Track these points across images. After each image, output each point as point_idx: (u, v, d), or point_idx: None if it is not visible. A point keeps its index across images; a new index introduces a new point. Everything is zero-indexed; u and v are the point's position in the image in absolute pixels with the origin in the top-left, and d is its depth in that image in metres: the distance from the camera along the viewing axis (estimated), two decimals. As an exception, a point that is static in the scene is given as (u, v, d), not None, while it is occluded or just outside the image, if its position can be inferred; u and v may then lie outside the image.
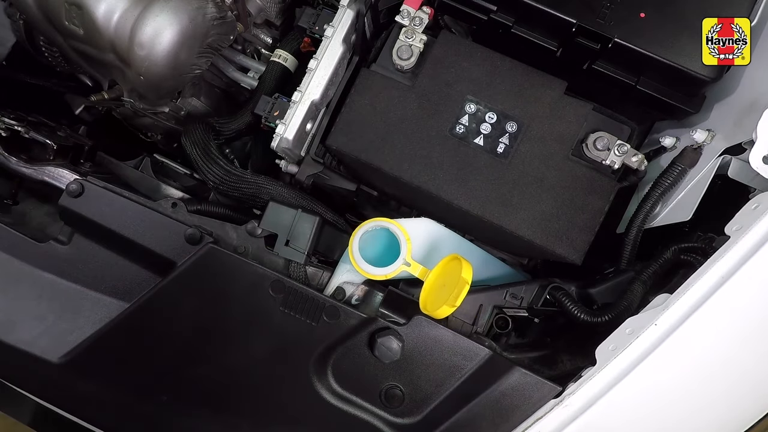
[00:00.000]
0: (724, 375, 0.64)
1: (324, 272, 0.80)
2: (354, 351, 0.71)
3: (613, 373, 0.64)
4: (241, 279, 0.71)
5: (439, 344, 0.70)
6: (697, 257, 0.71)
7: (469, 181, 0.76)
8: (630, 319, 0.66)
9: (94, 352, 0.74)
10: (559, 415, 0.67)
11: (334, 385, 0.72)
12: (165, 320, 0.74)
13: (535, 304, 0.78)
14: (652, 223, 0.77)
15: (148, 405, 0.76)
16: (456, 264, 0.70)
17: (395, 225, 0.74)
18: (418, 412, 0.71)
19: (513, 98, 0.77)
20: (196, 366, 0.74)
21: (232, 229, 0.77)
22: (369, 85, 0.78)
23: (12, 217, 0.83)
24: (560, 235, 0.75)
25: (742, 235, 0.61)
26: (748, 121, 0.67)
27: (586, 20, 0.72)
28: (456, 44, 0.79)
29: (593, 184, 0.76)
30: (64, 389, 0.76)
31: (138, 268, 0.77)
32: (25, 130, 0.78)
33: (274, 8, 0.91)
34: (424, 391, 0.70)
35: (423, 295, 0.72)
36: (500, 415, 0.69)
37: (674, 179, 0.74)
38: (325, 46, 0.82)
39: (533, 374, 0.69)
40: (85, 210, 0.73)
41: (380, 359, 0.69)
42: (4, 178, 0.83)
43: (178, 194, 0.90)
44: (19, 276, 0.75)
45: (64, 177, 0.78)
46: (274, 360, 0.73)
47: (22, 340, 0.74)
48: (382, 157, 0.76)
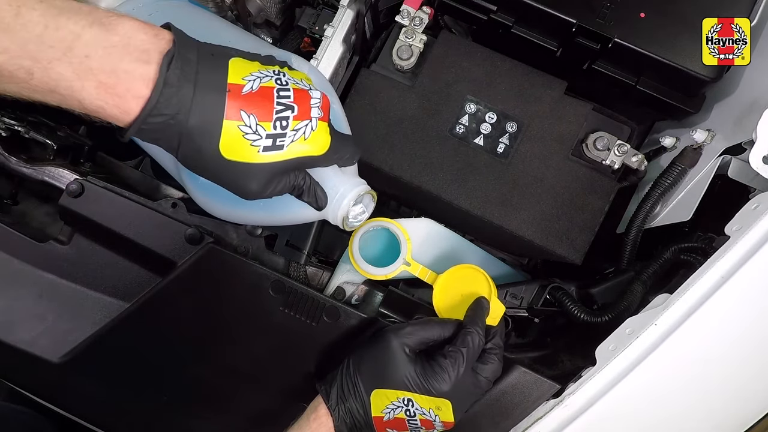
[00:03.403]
0: (724, 375, 0.64)
1: (324, 272, 0.80)
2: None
3: (613, 373, 0.64)
4: (242, 279, 0.71)
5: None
6: (697, 257, 0.71)
7: (469, 181, 0.76)
8: (630, 319, 0.66)
9: (94, 352, 0.74)
10: (558, 415, 0.67)
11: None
12: (165, 320, 0.74)
13: (535, 304, 0.78)
14: (652, 223, 0.77)
15: (148, 405, 0.76)
16: (475, 276, 0.71)
17: (395, 225, 0.74)
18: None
19: (513, 98, 0.77)
20: (196, 366, 0.74)
21: (232, 229, 0.77)
22: (369, 85, 0.78)
23: (12, 217, 0.83)
24: (560, 235, 0.75)
25: (742, 235, 0.61)
26: (748, 121, 0.67)
27: (586, 20, 0.72)
28: (456, 44, 0.79)
29: (593, 184, 0.76)
30: (64, 389, 0.77)
31: (138, 268, 0.77)
32: (25, 130, 0.78)
33: (274, 8, 0.91)
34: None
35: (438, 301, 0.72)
36: (500, 413, 0.70)
37: (674, 179, 0.74)
38: (325, 46, 0.82)
39: (533, 373, 0.69)
40: (85, 210, 0.73)
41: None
42: (4, 178, 0.83)
43: (178, 194, 0.89)
44: (19, 276, 0.75)
45: (64, 177, 0.78)
46: (274, 360, 0.73)
47: (22, 340, 0.74)
48: (382, 157, 0.76)
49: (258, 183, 0.51)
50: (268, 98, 0.50)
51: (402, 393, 0.60)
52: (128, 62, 0.45)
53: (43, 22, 0.44)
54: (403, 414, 0.60)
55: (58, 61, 0.44)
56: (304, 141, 0.51)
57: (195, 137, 0.48)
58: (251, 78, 0.49)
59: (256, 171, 0.50)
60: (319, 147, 0.53)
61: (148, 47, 0.46)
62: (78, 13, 0.45)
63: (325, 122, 0.53)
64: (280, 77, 0.52)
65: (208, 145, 0.48)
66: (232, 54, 0.51)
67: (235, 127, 0.48)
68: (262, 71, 0.51)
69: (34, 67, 0.44)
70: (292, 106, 0.50)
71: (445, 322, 0.65)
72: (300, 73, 0.55)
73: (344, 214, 0.59)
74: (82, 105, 0.46)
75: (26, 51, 0.44)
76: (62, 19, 0.44)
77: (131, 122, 0.47)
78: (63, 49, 0.44)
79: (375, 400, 0.60)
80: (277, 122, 0.49)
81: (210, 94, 0.47)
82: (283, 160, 0.51)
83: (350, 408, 0.61)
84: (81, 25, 0.45)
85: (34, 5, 0.44)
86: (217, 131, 0.48)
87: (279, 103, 0.50)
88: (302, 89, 0.52)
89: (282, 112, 0.50)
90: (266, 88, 0.50)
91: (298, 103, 0.51)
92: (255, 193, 0.52)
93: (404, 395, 0.60)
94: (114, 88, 0.45)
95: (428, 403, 0.60)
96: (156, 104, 0.46)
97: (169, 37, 0.48)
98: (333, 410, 0.60)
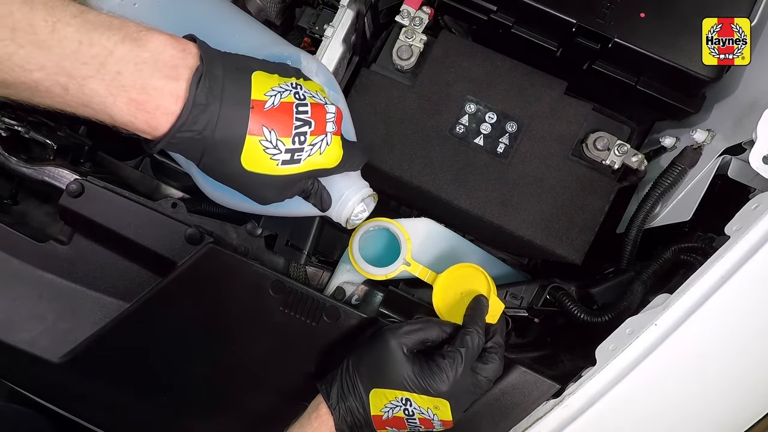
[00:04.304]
0: (724, 375, 0.64)
1: (324, 272, 0.80)
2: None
3: (612, 373, 0.64)
4: (242, 279, 0.71)
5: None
6: (697, 257, 0.71)
7: (469, 181, 0.76)
8: (630, 319, 0.66)
9: (94, 352, 0.74)
10: (558, 415, 0.67)
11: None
12: (165, 320, 0.74)
13: (535, 304, 0.78)
14: (652, 223, 0.77)
15: (148, 405, 0.76)
16: (474, 275, 0.71)
17: (395, 225, 0.74)
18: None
19: (513, 98, 0.77)
20: (196, 366, 0.74)
21: (232, 229, 0.77)
22: (369, 85, 0.78)
23: (12, 217, 0.83)
24: (560, 235, 0.75)
25: (742, 235, 0.61)
26: (748, 121, 0.67)
27: (586, 20, 0.72)
28: (456, 44, 0.79)
29: (593, 184, 0.76)
30: (64, 389, 0.77)
31: (138, 268, 0.77)
32: (25, 130, 0.78)
33: (274, 8, 0.91)
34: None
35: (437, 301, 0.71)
36: (500, 413, 0.70)
37: (674, 179, 0.74)
38: (325, 46, 0.82)
39: (533, 372, 0.69)
40: (85, 210, 0.73)
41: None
42: (4, 178, 0.83)
43: (178, 194, 0.89)
44: (19, 276, 0.75)
45: (64, 177, 0.78)
46: (274, 360, 0.73)
47: (22, 340, 0.74)
48: (382, 157, 0.76)
49: (274, 192, 0.55)
50: (288, 114, 0.52)
51: (400, 392, 0.60)
52: (158, 79, 0.47)
53: (77, 37, 0.45)
54: (402, 413, 0.60)
55: (92, 78, 0.46)
56: (319, 155, 0.54)
57: (218, 150, 0.50)
58: (272, 93, 0.51)
59: (274, 182, 0.53)
60: (332, 160, 0.56)
61: (176, 63, 0.48)
62: (110, 28, 0.47)
63: (338, 136, 0.56)
64: (299, 91, 0.54)
65: (230, 157, 0.51)
66: (254, 67, 0.53)
67: (256, 141, 0.50)
68: (282, 85, 0.53)
69: (69, 84, 0.46)
70: (309, 121, 0.53)
71: (444, 323, 0.65)
72: (315, 85, 0.57)
73: (348, 215, 0.63)
74: (113, 119, 0.48)
75: (62, 68, 0.45)
76: (96, 34, 0.46)
77: (159, 137, 0.49)
78: (96, 66, 0.46)
79: (374, 399, 0.61)
80: (296, 137, 0.52)
81: (235, 110, 0.49)
82: (299, 172, 0.54)
83: (350, 407, 0.61)
84: (113, 41, 0.46)
85: (69, 20, 0.45)
86: (239, 145, 0.50)
87: (298, 119, 0.52)
88: (319, 104, 0.55)
89: (300, 128, 0.52)
90: (286, 103, 0.52)
91: (315, 119, 0.53)
92: (270, 200, 0.56)
93: (402, 395, 0.60)
94: (144, 105, 0.47)
95: (426, 403, 0.60)
96: (185, 122, 0.48)
97: (195, 51, 0.50)
98: (333, 409, 0.61)
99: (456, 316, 0.67)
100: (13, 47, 0.44)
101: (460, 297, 0.70)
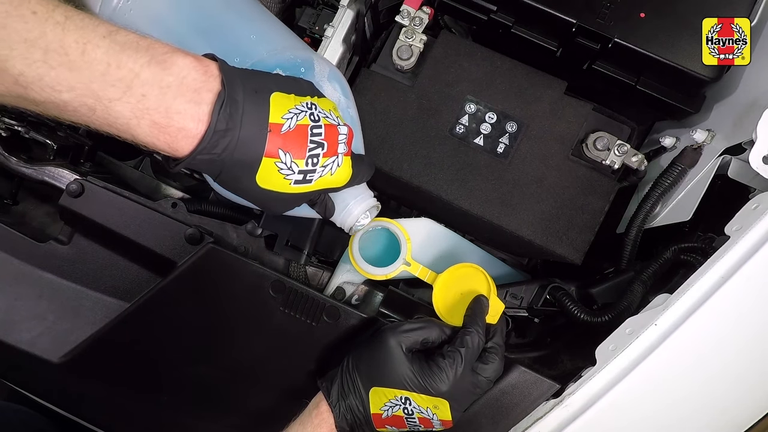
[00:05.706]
0: (724, 375, 0.64)
1: (324, 272, 0.80)
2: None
3: (612, 373, 0.64)
4: (242, 279, 0.71)
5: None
6: (697, 257, 0.71)
7: (469, 181, 0.76)
8: (630, 319, 0.66)
9: (94, 352, 0.74)
10: (558, 415, 0.67)
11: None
12: (165, 320, 0.74)
13: (535, 304, 0.78)
14: (652, 223, 0.77)
15: (148, 405, 0.76)
16: (474, 275, 0.71)
17: (395, 225, 0.74)
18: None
19: (513, 98, 0.77)
20: (196, 366, 0.74)
21: (232, 229, 0.77)
22: (369, 85, 0.78)
23: (12, 217, 0.83)
24: (560, 235, 0.75)
25: (742, 235, 0.61)
26: (748, 121, 0.67)
27: (586, 20, 0.72)
28: (456, 44, 0.79)
29: (593, 184, 0.76)
30: (64, 389, 0.77)
31: (138, 268, 0.77)
32: (25, 130, 0.78)
33: (274, 8, 0.91)
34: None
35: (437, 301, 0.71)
36: (500, 413, 0.70)
37: (674, 179, 0.74)
38: (325, 46, 0.82)
39: (533, 372, 0.69)
40: (85, 210, 0.73)
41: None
42: (4, 178, 0.83)
43: (178, 194, 0.90)
44: (19, 276, 0.75)
45: (64, 177, 0.78)
46: (274, 360, 0.73)
47: (22, 340, 0.74)
48: (382, 157, 0.76)
49: (284, 206, 0.59)
50: (303, 136, 0.53)
51: (399, 392, 0.60)
52: (181, 103, 0.48)
53: (106, 60, 0.46)
54: (401, 412, 0.61)
55: (118, 101, 0.47)
56: (330, 175, 0.56)
57: (235, 169, 0.52)
58: (289, 116, 0.53)
59: (286, 198, 0.56)
60: (342, 180, 0.58)
61: (199, 86, 0.49)
62: (137, 50, 0.48)
63: (348, 156, 0.58)
64: (314, 111, 0.55)
65: (246, 175, 0.53)
66: (273, 89, 0.54)
67: (272, 163, 0.52)
68: (297, 106, 0.54)
69: (96, 105, 0.47)
70: (322, 143, 0.54)
71: (445, 325, 0.66)
72: (329, 103, 0.59)
73: (351, 224, 0.66)
74: (135, 139, 0.50)
75: (90, 90, 0.46)
76: (123, 56, 0.47)
77: (181, 158, 0.51)
78: (123, 89, 0.47)
79: (373, 397, 0.61)
80: (309, 159, 0.54)
81: (253, 134, 0.51)
82: (310, 191, 0.56)
83: (350, 405, 0.61)
84: (140, 64, 0.47)
85: (99, 42, 0.46)
86: (256, 166, 0.52)
87: (312, 141, 0.54)
88: (332, 125, 0.56)
89: (314, 150, 0.54)
90: (302, 126, 0.53)
91: (327, 140, 0.55)
92: (279, 212, 0.61)
93: (402, 394, 0.60)
94: (166, 128, 0.49)
95: (426, 402, 0.60)
96: (205, 146, 0.49)
97: (217, 73, 0.51)
98: (334, 407, 0.61)
99: (456, 316, 0.67)
100: (45, 69, 0.45)
101: (460, 297, 0.70)
